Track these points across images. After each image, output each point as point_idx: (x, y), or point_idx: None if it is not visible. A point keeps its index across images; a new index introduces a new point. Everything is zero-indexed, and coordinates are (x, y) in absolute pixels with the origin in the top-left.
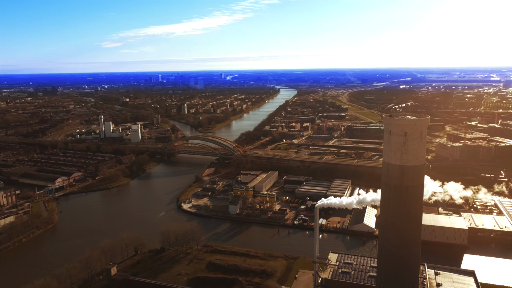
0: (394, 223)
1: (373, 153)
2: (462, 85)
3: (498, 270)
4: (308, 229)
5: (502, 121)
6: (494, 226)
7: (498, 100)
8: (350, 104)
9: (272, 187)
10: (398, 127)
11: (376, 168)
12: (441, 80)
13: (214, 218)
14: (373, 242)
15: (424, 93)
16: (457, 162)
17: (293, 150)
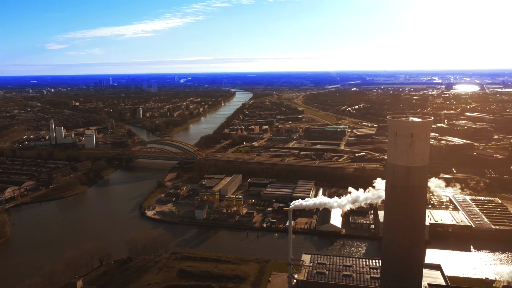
0: (401, 223)
1: (332, 154)
2: (408, 88)
3: (459, 263)
4: (277, 231)
5: (448, 121)
6: (452, 221)
7: (442, 101)
8: (306, 106)
9: (237, 190)
10: (404, 129)
11: (338, 169)
12: (388, 82)
13: (180, 224)
14: (340, 241)
15: (374, 95)
16: None
17: (254, 153)
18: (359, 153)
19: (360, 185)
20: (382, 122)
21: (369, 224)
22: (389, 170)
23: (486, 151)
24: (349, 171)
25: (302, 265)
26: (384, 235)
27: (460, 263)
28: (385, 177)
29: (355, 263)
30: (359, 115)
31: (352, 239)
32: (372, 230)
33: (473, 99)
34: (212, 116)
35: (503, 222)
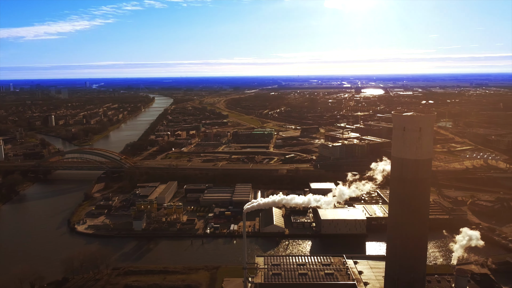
0: (409, 216)
1: (263, 156)
2: (323, 91)
3: None
4: (221, 237)
5: (364, 121)
6: (384, 214)
7: (354, 104)
8: (229, 110)
9: (173, 197)
10: (413, 124)
11: (272, 171)
12: (303, 87)
13: (117, 237)
14: (285, 241)
15: (293, 99)
16: (338, 160)
17: (184, 159)
18: (289, 154)
19: (295, 185)
20: (304, 124)
21: (310, 223)
22: (396, 164)
23: None
24: (283, 172)
25: (257, 268)
26: (391, 229)
27: None
28: (391, 171)
29: (308, 261)
30: (282, 118)
31: (296, 238)
32: (314, 228)
33: (381, 101)
34: (133, 123)
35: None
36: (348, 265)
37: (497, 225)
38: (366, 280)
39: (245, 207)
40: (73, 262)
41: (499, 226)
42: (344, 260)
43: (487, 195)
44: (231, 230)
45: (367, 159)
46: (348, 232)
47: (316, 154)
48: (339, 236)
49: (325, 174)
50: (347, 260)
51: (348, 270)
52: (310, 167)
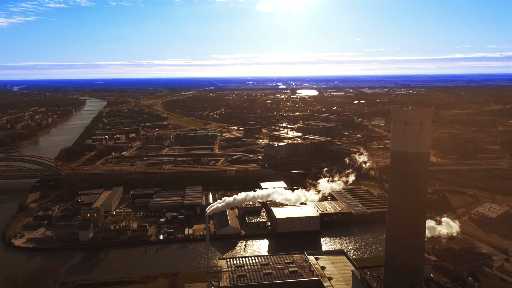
0: (410, 208)
1: (209, 158)
2: (260, 93)
3: (352, 246)
4: (176, 242)
5: (304, 121)
6: (335, 210)
7: (292, 104)
8: (168, 112)
9: (120, 204)
10: (415, 118)
11: (221, 172)
12: (240, 88)
13: (61, 249)
14: (242, 242)
15: (231, 100)
16: (284, 159)
17: (127, 163)
18: (235, 155)
19: (246, 185)
20: (246, 125)
21: (265, 222)
22: (397, 159)
23: (344, 146)
24: (232, 173)
25: (221, 272)
26: (391, 222)
27: (353, 246)
28: (392, 166)
29: (271, 261)
30: (224, 120)
31: (252, 238)
32: (269, 227)
33: (316, 102)
34: (65, 127)
35: (374, 206)
36: (311, 261)
37: (437, 215)
38: (330, 275)
39: (208, 210)
40: (16, 280)
41: (439, 216)
42: (306, 257)
43: None
44: (186, 234)
45: (312, 158)
46: (303, 229)
47: (262, 154)
48: (294, 234)
49: (273, 173)
50: (309, 256)
51: (311, 266)
52: (258, 167)
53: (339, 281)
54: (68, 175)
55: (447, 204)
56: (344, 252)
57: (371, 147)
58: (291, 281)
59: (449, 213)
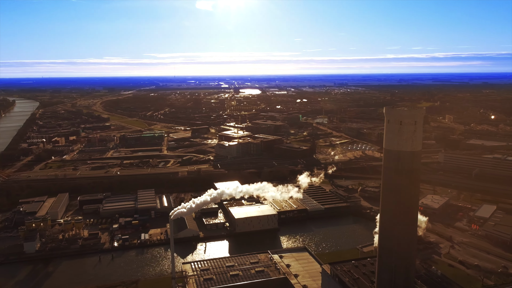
0: (404, 205)
1: (158, 160)
2: (203, 92)
3: (311, 242)
4: (132, 248)
5: (251, 120)
6: (291, 207)
7: (237, 104)
8: (109, 113)
9: (66, 211)
10: (410, 117)
11: (173, 174)
12: (182, 88)
13: (5, 264)
14: (202, 245)
15: (175, 99)
16: (236, 159)
17: (69, 167)
18: (185, 156)
19: (199, 186)
20: (193, 125)
21: (223, 223)
22: (392, 157)
23: (293, 144)
24: (184, 174)
25: (187, 276)
26: (385, 219)
27: (313, 242)
28: (386, 164)
29: (236, 262)
30: (169, 120)
31: (212, 240)
32: (228, 228)
33: (261, 101)
34: None
35: (327, 202)
36: (275, 260)
37: None
38: (296, 272)
39: (173, 213)
40: None
41: None
42: (270, 255)
43: (372, 182)
44: (142, 240)
45: (262, 156)
46: (261, 228)
47: (213, 154)
48: (253, 233)
49: (227, 173)
50: (273, 255)
51: (276, 265)
52: (210, 167)
53: (305, 277)
54: (4, 182)
55: None
56: (306, 249)
57: (318, 144)
58: (258, 281)
59: None
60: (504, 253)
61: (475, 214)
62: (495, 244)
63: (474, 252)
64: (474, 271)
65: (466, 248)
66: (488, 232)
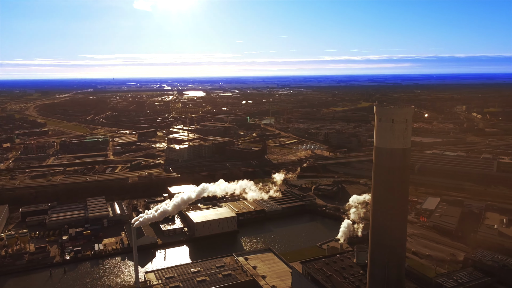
0: (396, 200)
1: (105, 165)
2: (146, 94)
3: (272, 242)
4: (86, 260)
5: (199, 123)
6: (249, 209)
7: (182, 106)
8: (45, 118)
9: (7, 225)
10: (401, 116)
11: (122, 180)
12: (123, 90)
13: None
14: (161, 252)
15: (116, 102)
16: (187, 162)
17: (5, 177)
18: (134, 161)
19: (152, 191)
20: (138, 128)
21: (181, 228)
22: (384, 155)
23: (244, 145)
24: (135, 180)
25: (151, 285)
26: (377, 214)
27: (274, 242)
28: (378, 161)
29: (201, 267)
30: (112, 124)
31: (171, 246)
32: (187, 233)
33: (206, 102)
34: None
35: (283, 201)
36: (241, 262)
37: (340, 205)
38: (263, 274)
39: (135, 221)
40: None
41: (341, 205)
42: (236, 258)
43: (325, 180)
44: (96, 250)
45: (214, 158)
46: (221, 231)
47: (163, 158)
48: (213, 237)
49: (180, 177)
50: (238, 258)
51: (243, 267)
52: (161, 172)
53: (273, 278)
54: None
55: (347, 195)
56: (271, 250)
57: (268, 145)
58: (226, 285)
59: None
60: (451, 242)
61: (422, 207)
62: (442, 234)
63: (425, 242)
64: (427, 260)
65: (417, 239)
66: (435, 223)
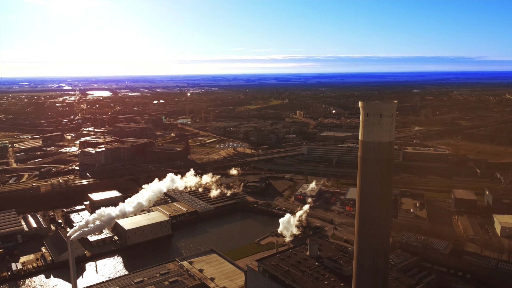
0: (382, 191)
1: (7, 175)
2: (43, 95)
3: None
4: (2, 283)
5: (112, 124)
6: (181, 211)
7: (88, 106)
8: None
9: None
10: (388, 110)
11: (33, 189)
12: (14, 91)
13: None
14: (91, 264)
15: (9, 104)
16: (106, 166)
17: None
18: (43, 168)
19: (71, 200)
20: (42, 132)
21: (111, 237)
22: (372, 148)
23: (167, 146)
24: (48, 188)
25: None
26: (364, 206)
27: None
28: (365, 155)
29: (145, 276)
30: (10, 128)
31: (101, 257)
32: (118, 242)
33: (114, 103)
34: None
35: (215, 200)
36: (186, 267)
37: (270, 200)
38: (211, 276)
39: (72, 234)
40: None
41: (271, 201)
42: (180, 263)
43: (252, 177)
44: (14, 270)
45: (135, 161)
46: (155, 237)
47: (76, 163)
48: (147, 243)
49: (100, 183)
50: (182, 262)
51: (189, 271)
52: (77, 178)
53: (222, 279)
54: None
55: (274, 190)
56: (214, 250)
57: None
58: None
59: (278, 198)
60: None
61: (346, 197)
62: None
63: (354, 230)
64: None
65: (346, 228)
66: None
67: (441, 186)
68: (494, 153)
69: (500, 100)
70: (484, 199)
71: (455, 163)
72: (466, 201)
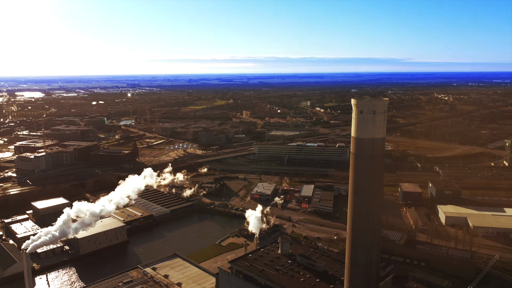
0: (375, 186)
1: None
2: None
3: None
4: None
5: (49, 127)
6: (135, 216)
7: (20, 109)
8: None
9: None
10: (381, 107)
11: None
12: None
13: None
14: (41, 278)
15: None
16: (47, 172)
17: None
18: None
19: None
20: None
21: (61, 247)
22: (366, 145)
23: (113, 149)
24: None
25: None
26: (357, 201)
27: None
28: (359, 151)
29: (106, 286)
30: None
31: (53, 269)
32: (69, 252)
33: (49, 104)
34: None
35: (171, 203)
36: (150, 273)
37: (226, 201)
38: (177, 281)
39: (29, 246)
40: None
41: (228, 201)
42: (143, 270)
43: (206, 178)
44: None
45: (79, 166)
46: (110, 244)
47: (12, 169)
48: (102, 251)
49: (43, 190)
50: (145, 269)
51: (154, 278)
52: (15, 186)
53: (190, 283)
54: None
55: (230, 190)
56: (177, 255)
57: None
58: None
59: (234, 198)
60: (332, 223)
61: (300, 194)
62: (323, 217)
63: (311, 226)
64: (318, 242)
65: (304, 225)
66: (316, 208)
67: (387, 181)
68: (430, 148)
69: (429, 99)
70: (427, 191)
71: (397, 158)
72: (412, 194)
